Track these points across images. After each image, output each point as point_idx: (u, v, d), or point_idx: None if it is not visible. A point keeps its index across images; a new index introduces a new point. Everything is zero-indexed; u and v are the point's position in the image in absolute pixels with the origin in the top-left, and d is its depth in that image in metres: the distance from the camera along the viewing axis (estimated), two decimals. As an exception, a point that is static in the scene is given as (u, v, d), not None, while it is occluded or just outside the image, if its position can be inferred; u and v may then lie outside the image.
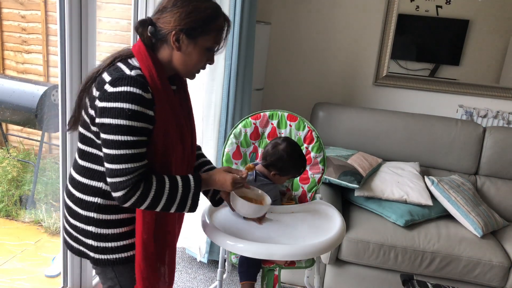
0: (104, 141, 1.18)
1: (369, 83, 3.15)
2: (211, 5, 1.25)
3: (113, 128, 1.15)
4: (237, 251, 1.44)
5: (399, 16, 2.98)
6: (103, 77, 1.21)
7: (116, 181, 1.19)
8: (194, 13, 1.21)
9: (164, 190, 1.22)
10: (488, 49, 2.94)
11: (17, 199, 3.02)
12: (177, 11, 1.21)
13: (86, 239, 1.31)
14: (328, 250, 1.49)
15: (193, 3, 1.21)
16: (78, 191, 1.30)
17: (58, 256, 2.34)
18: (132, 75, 1.18)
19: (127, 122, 1.15)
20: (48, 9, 2.91)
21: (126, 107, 1.14)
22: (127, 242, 1.31)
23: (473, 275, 2.21)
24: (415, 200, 2.40)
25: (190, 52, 1.25)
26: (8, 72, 3.09)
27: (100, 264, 1.32)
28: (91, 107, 1.22)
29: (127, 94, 1.14)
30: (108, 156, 1.18)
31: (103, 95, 1.17)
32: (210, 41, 1.26)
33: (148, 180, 1.21)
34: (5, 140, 3.26)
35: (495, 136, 2.70)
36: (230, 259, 1.85)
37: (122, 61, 1.25)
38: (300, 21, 3.12)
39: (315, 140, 1.90)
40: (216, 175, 1.35)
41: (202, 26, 1.22)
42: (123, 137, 1.16)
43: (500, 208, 2.60)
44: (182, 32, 1.21)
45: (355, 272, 2.34)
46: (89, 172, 1.28)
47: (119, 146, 1.16)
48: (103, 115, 1.17)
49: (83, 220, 1.30)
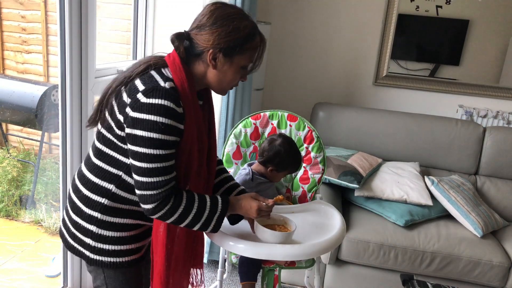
0: (134, 153, 1.17)
1: (369, 83, 3.15)
2: (250, 24, 1.24)
3: (146, 141, 1.15)
4: (237, 251, 1.44)
5: (399, 16, 2.98)
6: (136, 84, 1.19)
7: (146, 193, 1.19)
8: (233, 32, 1.21)
9: (192, 209, 1.24)
10: (488, 49, 2.94)
11: (17, 199, 3.02)
12: (216, 30, 1.20)
13: (84, 237, 1.30)
14: (328, 250, 1.49)
15: (233, 23, 1.21)
16: (87, 188, 1.29)
17: (58, 256, 2.34)
18: (166, 87, 1.17)
19: (160, 136, 1.15)
20: (48, 9, 2.91)
21: (160, 121, 1.14)
22: (123, 248, 1.31)
23: (473, 275, 2.21)
24: (415, 200, 2.40)
25: (225, 71, 1.25)
26: (8, 72, 3.09)
27: (93, 264, 1.32)
28: (120, 113, 1.20)
29: (161, 107, 1.14)
30: (139, 169, 1.18)
31: (136, 104, 1.15)
32: (245, 60, 1.26)
33: (179, 195, 1.22)
34: (5, 140, 3.26)
35: (495, 136, 2.70)
36: (230, 259, 1.85)
37: (156, 70, 1.23)
38: (300, 21, 3.12)
39: (315, 140, 1.90)
40: (243, 201, 1.35)
41: (239, 45, 1.22)
42: (155, 150, 1.16)
43: (500, 208, 2.60)
44: (219, 51, 1.21)
45: (355, 272, 2.34)
46: (102, 173, 1.27)
47: (151, 159, 1.16)
48: (135, 126, 1.15)
49: (86, 218, 1.29)
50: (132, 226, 1.32)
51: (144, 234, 1.37)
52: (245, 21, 1.23)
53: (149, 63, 1.24)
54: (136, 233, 1.34)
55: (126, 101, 1.18)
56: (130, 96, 1.18)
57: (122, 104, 1.19)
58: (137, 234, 1.34)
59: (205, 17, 1.22)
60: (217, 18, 1.21)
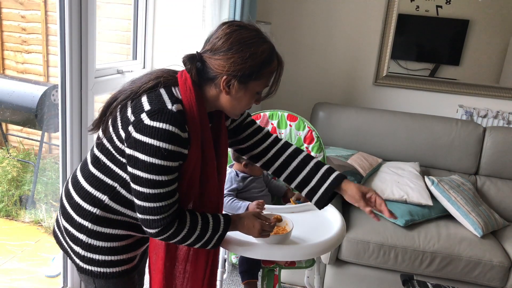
0: (135, 177, 1.12)
1: (369, 83, 3.15)
2: (267, 48, 1.17)
3: (147, 166, 1.09)
4: (237, 251, 1.44)
5: (399, 16, 2.98)
6: (142, 102, 1.13)
7: (149, 218, 1.15)
8: (250, 59, 1.13)
9: (195, 230, 1.20)
10: (488, 49, 2.94)
11: (17, 199, 3.02)
12: (232, 56, 1.13)
13: (74, 245, 1.26)
14: (328, 250, 1.49)
15: (251, 49, 1.13)
16: (79, 196, 1.25)
17: (58, 256, 2.34)
18: (173, 111, 1.10)
19: (162, 162, 1.09)
20: (48, 9, 2.91)
21: (163, 147, 1.08)
22: (114, 258, 1.26)
23: (473, 275, 2.21)
24: (415, 200, 2.40)
25: (240, 97, 1.19)
26: (8, 72, 3.09)
27: (83, 273, 1.28)
28: (123, 128, 1.14)
29: (164, 133, 1.08)
30: (141, 194, 1.13)
31: (139, 125, 1.09)
32: (261, 85, 1.20)
33: (183, 218, 1.18)
34: (5, 140, 3.26)
35: (495, 136, 2.70)
36: (230, 259, 1.85)
37: (166, 88, 1.16)
38: (300, 21, 3.12)
39: (315, 140, 1.90)
40: (246, 219, 1.31)
41: (256, 72, 1.16)
42: (158, 176, 1.10)
43: (500, 208, 2.60)
44: (234, 78, 1.15)
45: (355, 272, 2.34)
46: (97, 182, 1.22)
47: (153, 185, 1.11)
48: (137, 148, 1.09)
49: (76, 227, 1.25)
50: (123, 237, 1.27)
51: (136, 244, 1.32)
52: (263, 45, 1.16)
53: (159, 79, 1.17)
54: (128, 243, 1.29)
55: (130, 118, 1.12)
56: (134, 114, 1.12)
57: (125, 120, 1.14)
58: (129, 244, 1.29)
59: (220, 41, 1.15)
60: (233, 43, 1.13)
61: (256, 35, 1.16)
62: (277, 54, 1.21)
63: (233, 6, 2.21)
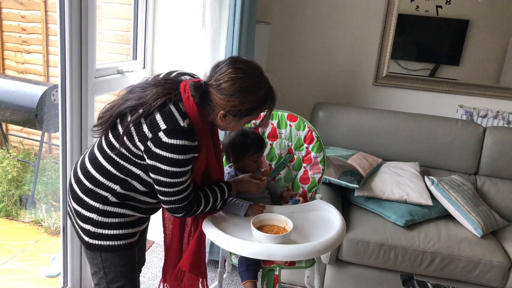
0: (158, 181, 1.34)
1: (369, 83, 3.15)
2: (264, 93, 1.36)
3: (169, 173, 1.31)
4: (237, 251, 1.45)
5: (399, 16, 2.98)
6: (157, 121, 1.29)
7: (175, 207, 1.40)
8: (247, 104, 1.33)
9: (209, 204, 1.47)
10: (488, 49, 2.94)
11: (17, 199, 3.02)
12: (233, 100, 1.32)
13: (84, 224, 1.41)
14: (328, 250, 1.49)
15: (250, 96, 1.32)
16: (91, 184, 1.40)
17: (58, 256, 2.34)
18: (185, 128, 1.30)
19: (181, 169, 1.32)
20: (48, 9, 2.91)
21: (181, 158, 1.29)
22: (121, 232, 1.42)
23: (473, 275, 2.21)
24: (415, 200, 2.40)
25: (233, 126, 1.41)
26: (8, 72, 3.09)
27: (91, 249, 1.43)
28: (140, 141, 1.31)
29: (181, 147, 1.28)
30: (165, 193, 1.36)
31: (158, 142, 1.28)
32: (253, 118, 1.42)
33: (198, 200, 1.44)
34: (5, 140, 3.25)
35: (495, 136, 2.70)
36: (230, 259, 1.85)
37: (174, 104, 1.32)
38: (300, 21, 3.12)
39: (315, 140, 1.90)
40: (243, 182, 1.65)
41: (250, 112, 1.36)
42: (177, 179, 1.33)
43: (500, 208, 2.60)
44: (230, 114, 1.35)
45: (355, 272, 2.34)
46: (109, 175, 1.38)
47: (174, 185, 1.34)
48: (158, 160, 1.30)
49: (87, 208, 1.40)
50: (130, 215, 1.44)
51: (140, 220, 1.49)
52: (261, 91, 1.35)
53: (167, 96, 1.32)
54: (134, 219, 1.46)
55: (148, 134, 1.30)
56: (151, 131, 1.29)
57: (142, 136, 1.31)
58: (135, 220, 1.46)
59: (227, 83, 1.31)
60: (235, 90, 1.31)
61: (257, 82, 1.34)
62: (271, 94, 1.40)
63: (233, 6, 2.21)
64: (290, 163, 1.94)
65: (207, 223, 1.54)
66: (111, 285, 1.48)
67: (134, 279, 1.53)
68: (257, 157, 1.79)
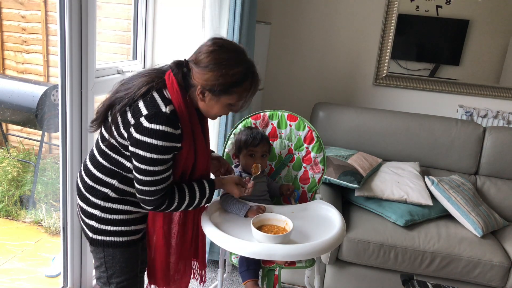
0: (136, 168, 1.34)
1: (369, 83, 3.15)
2: (240, 70, 1.34)
3: (147, 160, 1.31)
4: (237, 251, 1.45)
5: (399, 16, 2.98)
6: (140, 107, 1.31)
7: (146, 199, 1.38)
8: (221, 78, 1.31)
9: (184, 200, 1.44)
10: (488, 49, 2.94)
11: (17, 199, 3.02)
12: (207, 73, 1.31)
13: (89, 220, 1.46)
14: (328, 250, 1.49)
15: (223, 70, 1.31)
16: (92, 181, 1.45)
17: (58, 256, 2.34)
18: (167, 113, 1.30)
19: (159, 156, 1.31)
20: (48, 9, 2.91)
21: (160, 144, 1.29)
22: (124, 229, 1.46)
23: (473, 275, 2.21)
24: (415, 200, 2.40)
25: (212, 105, 1.39)
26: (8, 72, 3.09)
27: (94, 244, 1.47)
28: (124, 129, 1.34)
29: (161, 133, 1.28)
30: (140, 181, 1.35)
31: (139, 128, 1.29)
32: (232, 100, 1.38)
33: (171, 193, 1.41)
34: (5, 140, 3.25)
35: (495, 136, 2.70)
36: (230, 259, 1.85)
37: (157, 91, 1.34)
38: (300, 21, 3.12)
39: (315, 140, 1.90)
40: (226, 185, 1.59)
41: (225, 89, 1.33)
42: (154, 167, 1.33)
43: (500, 208, 2.60)
44: (206, 90, 1.34)
45: (355, 272, 2.34)
46: (106, 170, 1.43)
47: (151, 174, 1.33)
48: (138, 146, 1.30)
49: (91, 204, 1.45)
50: (132, 212, 1.47)
51: (144, 218, 1.53)
52: (235, 68, 1.33)
53: (151, 84, 1.34)
54: (137, 216, 1.49)
55: (131, 121, 1.31)
56: (134, 117, 1.31)
57: (126, 122, 1.33)
58: (138, 217, 1.50)
59: (203, 55, 1.33)
60: (210, 61, 1.31)
61: (232, 57, 1.33)
62: (252, 76, 1.36)
63: (233, 6, 2.21)
64: (290, 163, 1.94)
65: (207, 223, 1.54)
66: (111, 280, 1.51)
67: (135, 276, 1.55)
68: (251, 151, 1.79)
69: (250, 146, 1.78)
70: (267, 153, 1.83)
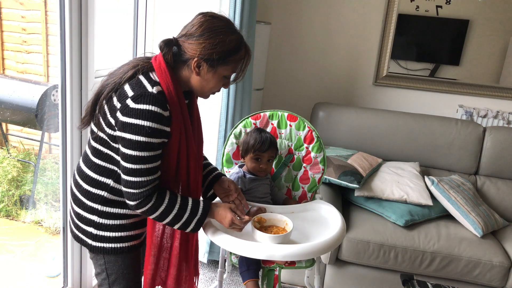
0: (123, 155, 1.27)
1: (369, 83, 3.15)
2: (236, 38, 1.31)
3: (133, 143, 1.24)
4: (237, 251, 1.44)
5: (399, 16, 2.98)
6: (125, 90, 1.26)
7: (130, 191, 1.29)
8: (218, 45, 1.28)
9: (173, 209, 1.33)
10: (488, 49, 2.94)
11: (17, 199, 3.01)
12: (203, 41, 1.27)
13: (87, 227, 1.40)
14: (328, 250, 1.49)
15: (220, 36, 1.28)
16: (87, 183, 1.38)
17: (58, 256, 2.34)
18: (154, 93, 1.24)
19: (146, 139, 1.23)
20: (48, 9, 2.91)
21: (147, 125, 1.22)
22: (124, 234, 1.41)
23: (473, 275, 2.21)
24: (415, 200, 2.40)
25: (208, 78, 1.33)
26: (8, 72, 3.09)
27: (95, 251, 1.42)
28: (111, 116, 1.28)
29: (148, 113, 1.22)
30: (125, 169, 1.28)
31: (125, 110, 1.23)
32: (228, 71, 1.34)
33: (161, 195, 1.32)
34: (5, 140, 3.25)
35: (495, 136, 2.70)
36: (230, 259, 1.85)
37: (144, 74, 1.30)
38: (300, 21, 3.12)
39: (315, 140, 1.90)
40: (220, 209, 1.43)
41: (224, 58, 1.30)
42: (141, 152, 1.25)
43: (500, 208, 2.60)
44: (204, 61, 1.29)
45: (355, 272, 2.34)
46: (100, 169, 1.36)
47: (137, 161, 1.25)
48: (124, 129, 1.24)
49: (88, 210, 1.39)
50: (132, 215, 1.42)
51: (143, 222, 1.46)
52: (231, 35, 1.30)
53: (137, 68, 1.30)
54: (136, 221, 1.44)
55: (116, 105, 1.26)
56: (120, 101, 1.26)
57: (112, 108, 1.28)
58: (137, 221, 1.44)
59: (194, 27, 1.29)
60: (204, 29, 1.28)
61: (226, 26, 1.31)
62: (245, 45, 1.35)
63: (233, 6, 2.21)
64: (290, 163, 1.94)
65: (207, 223, 1.54)
66: (113, 287, 1.47)
67: (137, 282, 1.51)
68: (257, 155, 1.79)
69: (257, 151, 1.79)
70: (273, 158, 1.84)
